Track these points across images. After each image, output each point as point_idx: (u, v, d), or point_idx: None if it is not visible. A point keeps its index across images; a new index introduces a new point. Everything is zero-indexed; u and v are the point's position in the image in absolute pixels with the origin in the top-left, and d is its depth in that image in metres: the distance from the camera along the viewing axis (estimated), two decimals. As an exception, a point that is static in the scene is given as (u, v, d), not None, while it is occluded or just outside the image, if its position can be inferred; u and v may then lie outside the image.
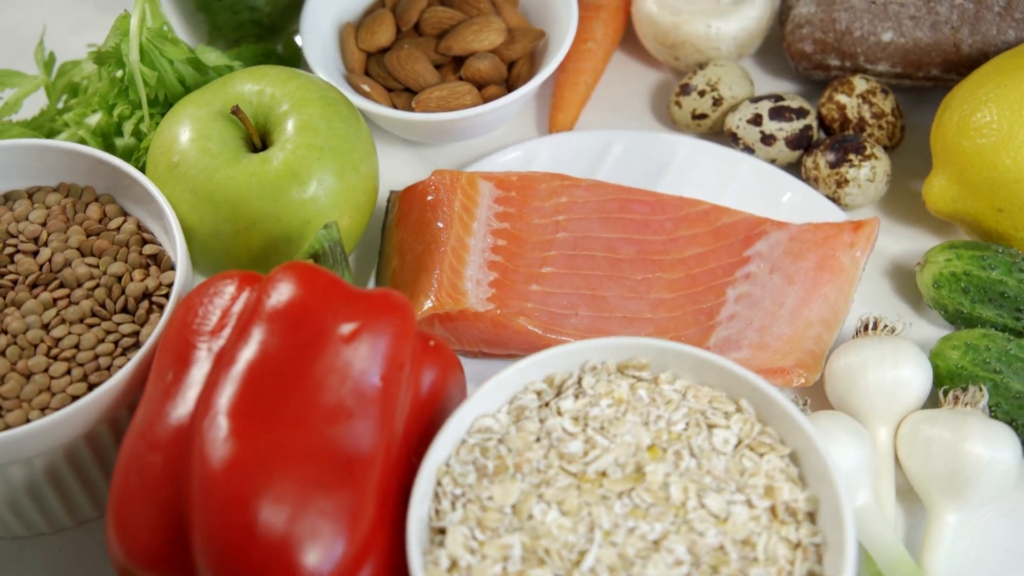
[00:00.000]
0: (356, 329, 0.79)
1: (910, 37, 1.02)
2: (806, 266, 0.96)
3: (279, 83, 0.94)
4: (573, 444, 0.80)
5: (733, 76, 1.05)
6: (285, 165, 0.91)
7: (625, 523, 0.76)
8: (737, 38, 1.06)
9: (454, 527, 0.77)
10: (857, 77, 1.02)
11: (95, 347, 0.87)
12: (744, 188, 1.02)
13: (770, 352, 0.92)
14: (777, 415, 0.80)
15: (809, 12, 1.05)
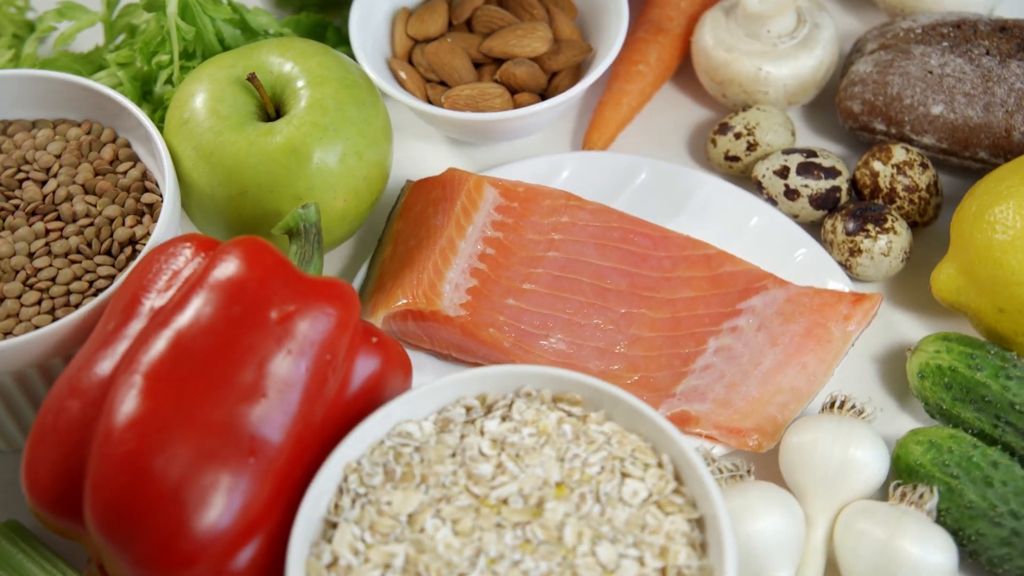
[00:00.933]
0: (289, 313, 0.79)
1: (961, 114, 0.98)
2: (794, 330, 0.93)
3: (302, 58, 0.95)
4: (484, 466, 0.79)
5: (773, 123, 1.02)
6: (286, 140, 0.92)
7: (512, 555, 0.76)
8: (788, 85, 1.03)
9: (346, 525, 0.78)
10: (898, 146, 0.98)
11: (70, 283, 0.90)
12: (758, 238, 0.99)
13: (731, 411, 0.90)
14: (694, 478, 0.78)
15: (865, 71, 1.01)
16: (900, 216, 0.97)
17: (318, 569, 0.76)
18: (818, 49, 1.03)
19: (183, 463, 0.75)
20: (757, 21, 1.02)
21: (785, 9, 1.02)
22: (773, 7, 1.02)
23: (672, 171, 1.02)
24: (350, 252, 1.03)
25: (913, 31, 1.01)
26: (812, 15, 1.05)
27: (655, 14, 1.10)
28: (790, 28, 1.03)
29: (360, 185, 0.95)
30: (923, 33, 1.01)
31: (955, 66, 0.99)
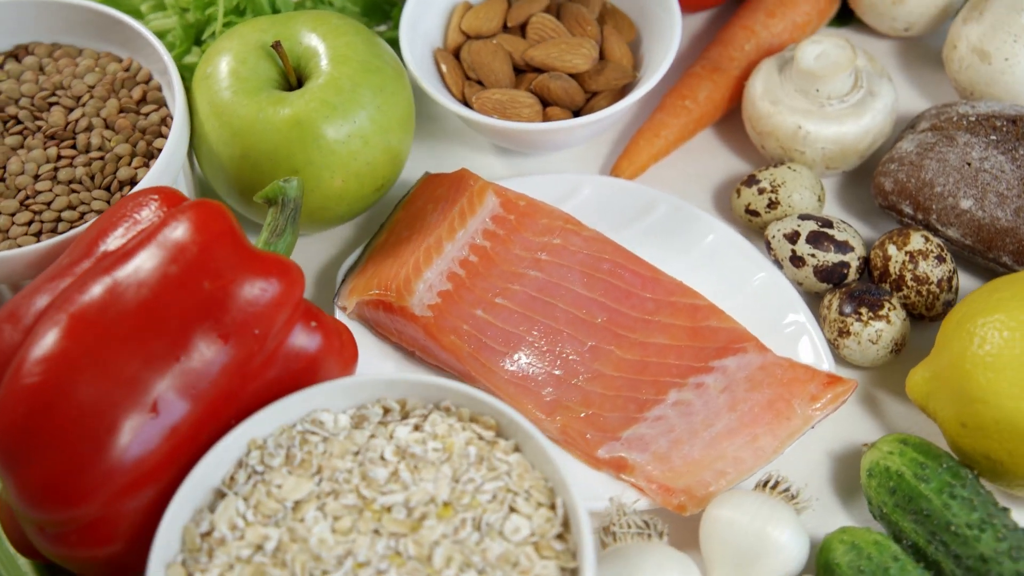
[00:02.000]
0: (223, 283, 0.81)
1: (989, 213, 0.93)
2: (757, 399, 0.90)
3: (331, 35, 0.96)
4: (380, 471, 0.79)
5: (800, 184, 0.99)
6: (293, 113, 0.93)
7: (379, 563, 0.76)
8: (826, 149, 1.00)
9: (233, 498, 0.79)
10: (918, 233, 0.94)
11: (62, 211, 0.93)
12: (755, 297, 0.96)
13: (667, 467, 0.88)
14: (576, 531, 0.77)
15: (906, 150, 0.97)
16: (900, 306, 0.93)
17: (193, 535, 0.78)
18: (867, 117, 0.99)
19: (84, 406, 0.77)
20: (808, 78, 0.99)
21: (840, 71, 0.99)
22: (827, 67, 0.99)
23: (688, 212, 1.00)
24: (353, 232, 1.04)
25: (967, 118, 0.97)
26: (871, 81, 1.01)
27: (716, 52, 1.07)
28: (842, 91, 1.00)
29: (362, 169, 0.95)
30: (976, 122, 0.96)
31: (995, 163, 0.94)
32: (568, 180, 1.02)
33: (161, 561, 0.76)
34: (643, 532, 0.84)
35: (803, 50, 1.00)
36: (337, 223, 1.00)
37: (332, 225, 1.00)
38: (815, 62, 0.99)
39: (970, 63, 1.01)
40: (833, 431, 0.92)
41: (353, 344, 0.88)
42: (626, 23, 1.06)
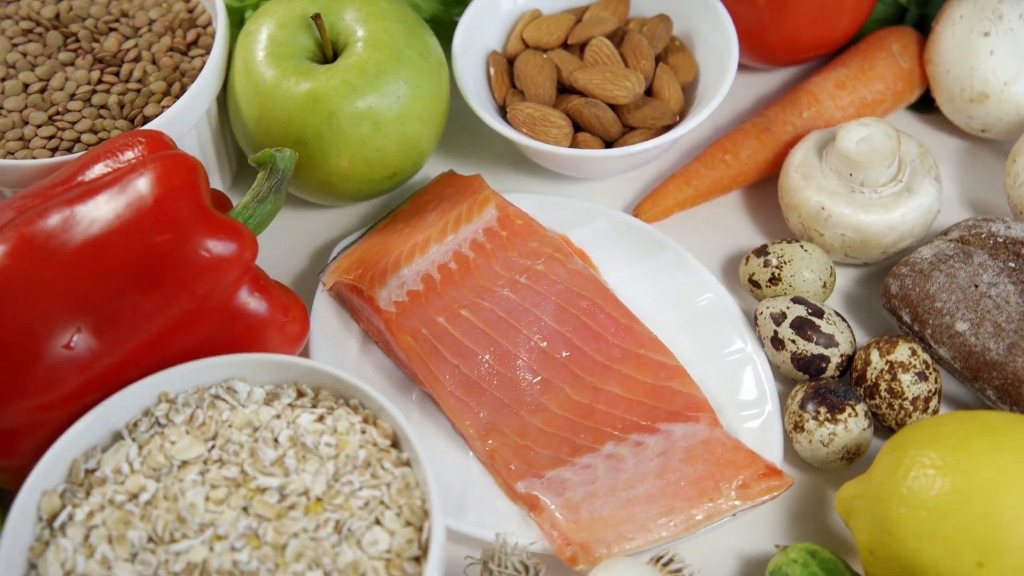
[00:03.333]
0: (169, 238, 0.83)
1: (982, 341, 0.88)
2: (688, 472, 0.88)
3: (372, 18, 0.97)
4: (269, 452, 0.81)
5: (807, 266, 0.95)
6: (314, 90, 0.94)
7: (236, 541, 0.77)
8: (846, 237, 0.96)
9: (129, 444, 0.81)
10: (905, 345, 0.90)
11: (83, 134, 0.96)
12: (730, 368, 0.94)
13: (574, 517, 0.87)
14: (429, 561, 0.77)
15: (923, 256, 0.92)
16: (865, 414, 0.89)
17: (79, 468, 0.80)
18: (896, 213, 0.95)
19: (8, 322, 0.81)
20: (844, 160, 0.95)
21: (879, 160, 0.94)
22: (866, 154, 0.95)
23: (692, 267, 0.98)
24: (369, 213, 1.05)
25: (996, 237, 0.92)
26: (913, 178, 0.96)
27: (773, 112, 1.04)
28: (878, 181, 0.95)
29: (371, 154, 0.96)
30: (1002, 244, 0.91)
31: (1003, 291, 0.89)
32: (586, 208, 1.01)
33: (39, 486, 0.79)
34: (519, 574, 0.83)
35: (847, 130, 0.96)
36: (347, 201, 1.01)
37: (342, 201, 1.01)
38: (855, 146, 0.95)
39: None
40: (757, 522, 0.89)
41: (302, 322, 0.89)
42: (688, 64, 1.03)
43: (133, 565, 0.77)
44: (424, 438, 0.93)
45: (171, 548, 0.77)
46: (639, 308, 0.97)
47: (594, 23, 1.04)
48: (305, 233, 1.04)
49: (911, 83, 1.05)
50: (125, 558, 0.77)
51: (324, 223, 1.05)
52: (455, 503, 0.89)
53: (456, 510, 0.89)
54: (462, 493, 0.90)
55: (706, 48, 1.04)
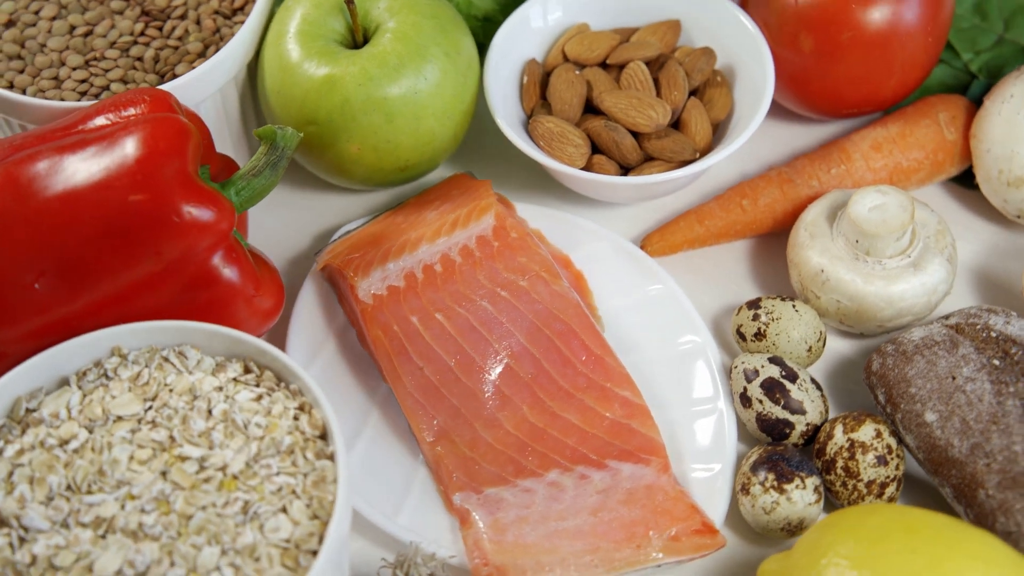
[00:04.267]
0: (146, 200, 0.84)
1: (946, 437, 0.85)
2: (623, 514, 0.87)
3: (404, 9, 0.98)
4: (200, 423, 0.82)
5: (794, 328, 0.92)
6: (331, 74, 0.95)
7: (146, 504, 0.78)
8: (841, 304, 0.93)
9: (73, 391, 0.83)
10: (870, 425, 0.87)
11: (112, 83, 0.99)
12: (696, 416, 0.92)
13: (498, 539, 0.87)
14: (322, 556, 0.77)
15: (910, 339, 0.89)
16: (816, 490, 0.86)
17: (21, 407, 0.83)
18: (896, 288, 0.92)
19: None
20: (852, 226, 0.92)
21: (887, 232, 0.91)
22: (876, 223, 0.92)
23: (682, 308, 0.96)
24: (381, 200, 1.06)
25: (991, 330, 0.88)
26: (924, 255, 0.93)
27: (802, 165, 1.01)
28: (884, 252, 0.92)
29: (381, 145, 0.97)
30: (993, 339, 0.87)
31: (978, 388, 0.85)
32: (592, 230, 1.00)
33: (-23, 417, 0.83)
34: (421, 583, 0.83)
35: (862, 195, 0.93)
36: (359, 184, 1.02)
37: (354, 184, 1.02)
38: (867, 212, 0.92)
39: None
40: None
41: (275, 298, 0.90)
42: (723, 100, 1.01)
43: (46, 509, 0.79)
44: (381, 434, 0.93)
45: (85, 499, 0.79)
46: (621, 340, 0.96)
47: (636, 46, 1.02)
48: (317, 214, 1.05)
49: (953, 155, 1.01)
50: (41, 501, 0.79)
51: (337, 207, 1.06)
52: (391, 504, 0.90)
53: (391, 511, 0.89)
54: (402, 495, 0.90)
55: (745, 86, 1.02)
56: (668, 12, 1.05)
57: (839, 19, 0.97)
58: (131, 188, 0.84)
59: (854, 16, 0.97)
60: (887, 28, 0.97)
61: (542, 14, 1.05)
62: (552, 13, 1.05)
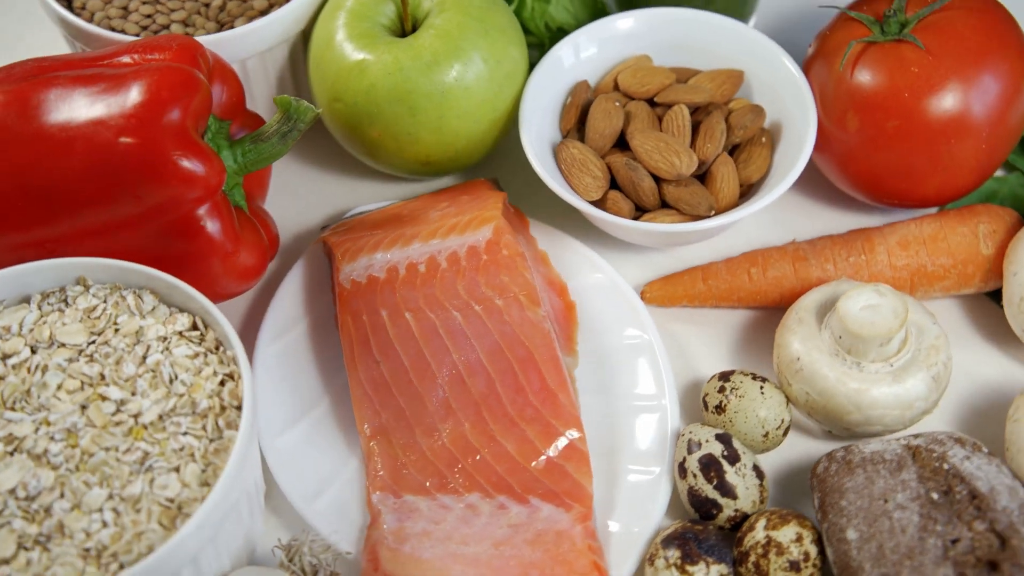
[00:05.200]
0: (132, 144, 0.87)
1: (859, 559, 0.81)
2: (523, 553, 0.86)
3: (451, 8, 0.98)
4: (131, 367, 0.84)
5: (755, 410, 0.89)
6: (364, 60, 0.97)
7: (57, 433, 0.81)
8: (811, 397, 0.89)
9: (31, 310, 0.87)
10: (793, 527, 0.83)
11: (172, 24, 1.03)
12: (636, 476, 0.90)
13: (395, 547, 0.87)
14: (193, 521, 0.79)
15: (863, 450, 0.85)
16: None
17: (-21, 315, 0.87)
18: (869, 396, 0.88)
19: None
20: (839, 321, 0.88)
21: (872, 336, 0.87)
22: (862, 324, 0.87)
23: (656, 364, 0.94)
24: (406, 190, 1.07)
25: (944, 461, 0.83)
26: (910, 368, 0.88)
27: (823, 246, 0.97)
28: (866, 356, 0.88)
29: (402, 135, 0.98)
30: (945, 471, 0.83)
31: (904, 519, 0.81)
32: (594, 263, 0.99)
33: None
34: (301, 573, 0.84)
35: (858, 292, 0.89)
36: (383, 169, 1.03)
37: (379, 168, 1.03)
38: (857, 310, 0.88)
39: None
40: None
41: (256, 259, 0.93)
42: (760, 162, 0.98)
43: (-31, 407, 0.83)
44: (326, 420, 0.94)
45: (5, 414, 0.82)
46: (587, 381, 0.94)
47: (688, 90, 1.00)
48: (339, 195, 1.07)
49: (985, 270, 0.95)
50: (-32, 387, 0.83)
51: (361, 191, 1.07)
52: (313, 488, 0.91)
53: (311, 495, 0.90)
54: (326, 483, 0.91)
55: (786, 149, 0.99)
56: (731, 61, 1.02)
57: (886, 105, 0.93)
58: (124, 131, 0.87)
59: (903, 104, 0.93)
60: (938, 123, 0.93)
61: (605, 39, 1.03)
62: (613, 44, 1.04)
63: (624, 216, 0.97)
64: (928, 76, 0.92)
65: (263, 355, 0.96)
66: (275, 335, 0.97)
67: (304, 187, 1.07)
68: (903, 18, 0.95)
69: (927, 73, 0.92)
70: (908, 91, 0.92)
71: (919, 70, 0.92)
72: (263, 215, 0.98)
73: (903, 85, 0.93)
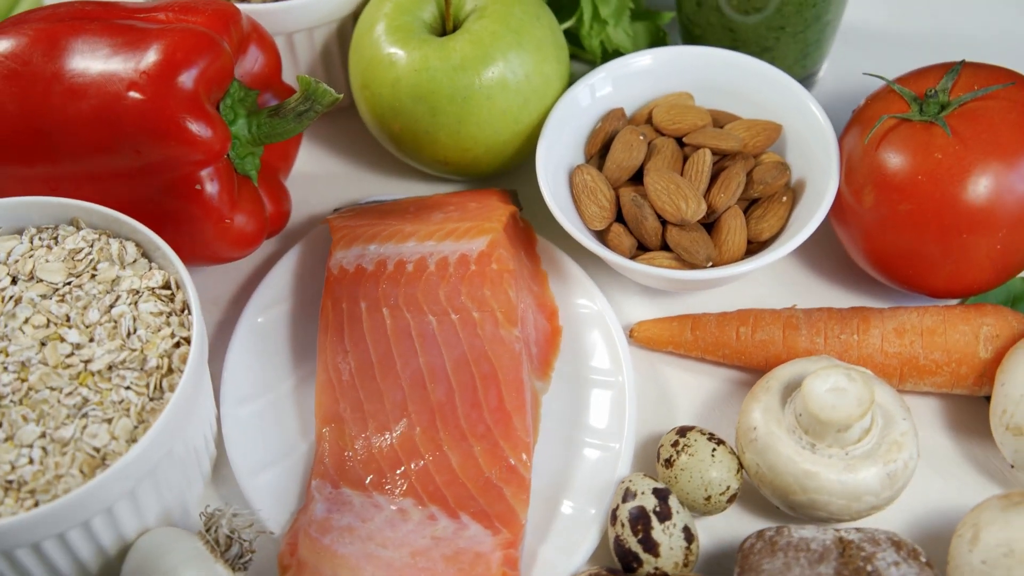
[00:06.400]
0: (138, 101, 0.89)
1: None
2: (436, 567, 0.86)
3: (491, 16, 0.97)
4: (95, 313, 0.86)
5: (702, 471, 0.87)
6: (393, 55, 0.97)
7: (11, 366, 0.84)
8: (760, 469, 0.87)
9: (17, 241, 0.90)
10: (705, 599, 0.82)
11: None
12: (569, 510, 0.89)
13: (314, 537, 0.88)
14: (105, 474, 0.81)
15: (794, 535, 0.83)
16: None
17: None
18: (816, 480, 0.85)
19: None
20: (801, 403, 0.86)
21: (830, 420, 0.84)
22: (823, 408, 0.84)
23: (620, 407, 0.93)
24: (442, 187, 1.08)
25: (871, 563, 0.80)
26: (867, 460, 0.85)
27: (818, 316, 0.94)
28: (822, 439, 0.85)
29: (421, 134, 0.98)
30: (869, 572, 0.80)
31: (810, 613, 0.78)
32: (591, 291, 0.98)
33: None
34: (217, 546, 0.85)
35: (828, 372, 0.86)
36: (402, 156, 1.03)
37: (399, 154, 1.03)
38: (822, 391, 0.85)
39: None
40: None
41: (255, 229, 0.95)
42: (773, 221, 0.96)
43: (-64, 330, 0.87)
44: (288, 400, 0.96)
45: (-31, 329, 0.86)
46: (555, 408, 0.94)
47: (718, 135, 0.97)
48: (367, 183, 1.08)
49: (980, 374, 0.91)
50: (-63, 321, 0.87)
51: (392, 182, 1.08)
52: (259, 463, 0.92)
53: (255, 469, 0.92)
54: (271, 461, 0.93)
55: (802, 211, 0.96)
56: (771, 112, 1.00)
57: (903, 186, 0.90)
58: (134, 86, 0.89)
59: (919, 188, 0.89)
60: (951, 214, 0.89)
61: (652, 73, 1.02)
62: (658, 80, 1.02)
63: (624, 251, 0.96)
64: (950, 164, 0.88)
65: (245, 325, 0.98)
66: (262, 308, 0.99)
67: (334, 170, 1.09)
68: (944, 99, 0.92)
69: (949, 161, 0.88)
70: (925, 176, 0.89)
71: (943, 157, 0.89)
72: (278, 190, 0.99)
73: (922, 169, 0.89)
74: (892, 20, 1.18)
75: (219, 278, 1.03)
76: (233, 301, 1.01)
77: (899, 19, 1.18)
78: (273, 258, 1.03)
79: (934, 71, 0.94)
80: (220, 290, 1.03)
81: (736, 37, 1.03)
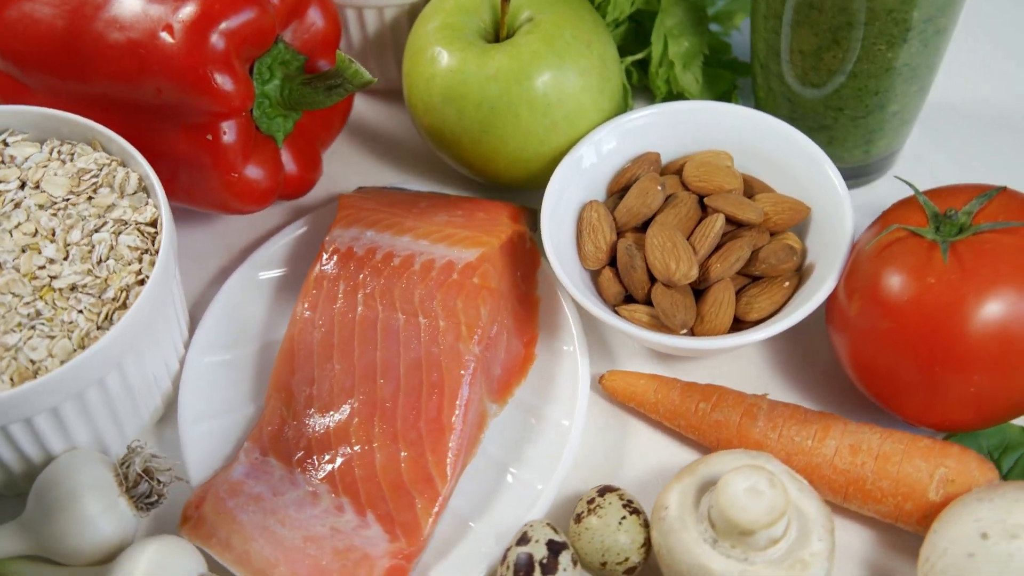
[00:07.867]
0: (166, 43, 0.92)
1: None
2: (324, 558, 0.88)
3: (538, 32, 0.96)
4: (77, 235, 0.90)
5: (603, 534, 0.85)
6: (435, 55, 0.97)
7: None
8: (660, 548, 0.84)
9: (37, 148, 0.95)
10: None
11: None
12: (471, 540, 0.89)
13: (221, 498, 0.90)
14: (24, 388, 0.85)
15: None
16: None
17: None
18: (709, 571, 0.82)
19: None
20: (712, 493, 0.83)
21: (739, 521, 0.81)
22: (733, 507, 0.81)
23: (557, 449, 0.91)
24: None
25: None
26: (765, 570, 0.81)
27: (789, 412, 0.90)
28: (728, 536, 0.82)
29: (447, 133, 0.99)
30: None
31: None
32: (573, 330, 0.96)
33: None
34: (127, 481, 0.87)
35: (752, 471, 0.82)
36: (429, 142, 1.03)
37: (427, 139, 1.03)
38: (739, 488, 0.82)
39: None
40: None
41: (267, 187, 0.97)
42: (768, 303, 0.92)
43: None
44: (249, 360, 0.99)
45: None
46: (501, 433, 0.93)
47: (737, 203, 0.94)
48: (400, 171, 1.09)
49: (924, 515, 0.85)
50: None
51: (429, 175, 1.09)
52: (202, 413, 0.95)
53: (197, 417, 0.94)
54: (218, 413, 0.95)
55: (801, 296, 0.92)
56: (805, 189, 0.96)
57: (887, 303, 0.85)
58: (168, 28, 0.92)
59: (900, 310, 0.84)
60: (926, 343, 0.83)
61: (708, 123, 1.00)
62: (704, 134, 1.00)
63: (610, 296, 0.94)
64: (939, 292, 0.83)
65: (236, 279, 1.00)
66: (258, 268, 1.01)
67: (375, 152, 1.10)
68: (964, 222, 0.86)
69: (940, 288, 0.83)
70: (912, 298, 0.84)
71: (935, 282, 0.83)
72: (310, 157, 1.01)
73: (911, 290, 0.84)
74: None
75: (235, 230, 1.06)
76: (239, 255, 1.04)
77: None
78: (291, 224, 1.06)
79: (974, 190, 0.89)
80: (231, 240, 1.05)
81: (794, 109, 0.99)
